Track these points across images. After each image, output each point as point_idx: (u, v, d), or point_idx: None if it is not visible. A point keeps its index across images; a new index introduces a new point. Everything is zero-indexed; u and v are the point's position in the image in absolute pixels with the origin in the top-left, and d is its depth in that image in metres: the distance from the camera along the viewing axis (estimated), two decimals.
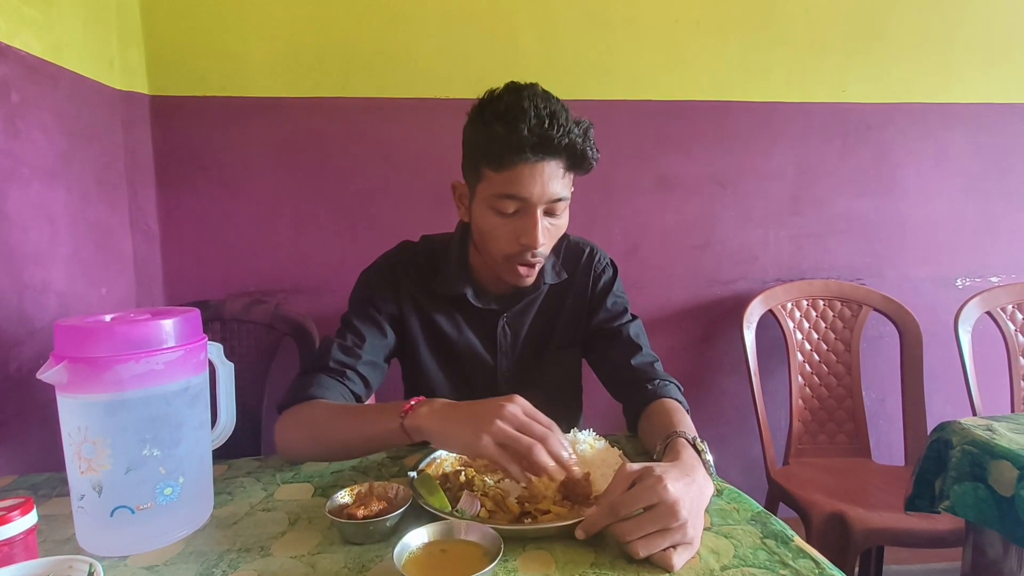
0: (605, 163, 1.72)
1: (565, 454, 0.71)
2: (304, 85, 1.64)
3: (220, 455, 0.89)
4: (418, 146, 1.69)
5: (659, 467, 0.65)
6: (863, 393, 1.82)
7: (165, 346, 0.65)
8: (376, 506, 0.69)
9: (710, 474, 0.73)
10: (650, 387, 0.99)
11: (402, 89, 1.67)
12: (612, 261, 1.17)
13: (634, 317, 1.13)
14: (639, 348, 1.07)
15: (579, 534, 0.64)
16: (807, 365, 1.83)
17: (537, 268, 0.99)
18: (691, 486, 0.64)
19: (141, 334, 0.63)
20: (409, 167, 1.69)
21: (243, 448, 1.50)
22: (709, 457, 0.75)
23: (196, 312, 0.71)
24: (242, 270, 1.67)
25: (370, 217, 1.70)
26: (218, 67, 1.61)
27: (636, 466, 0.66)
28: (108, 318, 0.67)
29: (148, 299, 1.63)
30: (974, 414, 1.71)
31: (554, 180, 0.91)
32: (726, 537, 0.67)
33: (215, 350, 0.77)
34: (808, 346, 1.83)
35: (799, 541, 0.65)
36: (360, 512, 0.67)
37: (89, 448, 0.62)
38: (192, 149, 1.63)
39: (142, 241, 1.61)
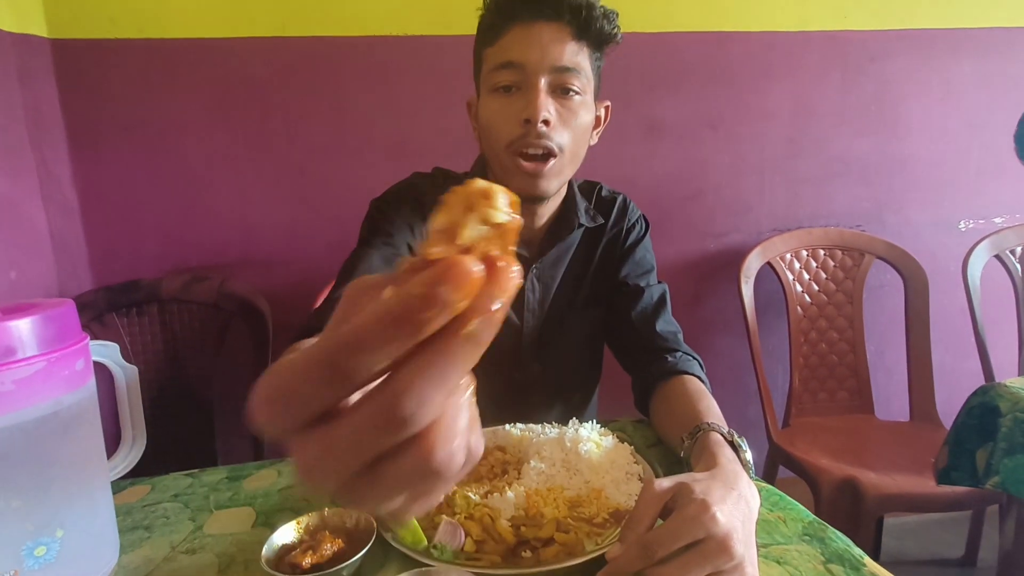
0: None
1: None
2: (236, 24, 1.42)
3: (156, 462, 0.72)
4: (373, 92, 1.48)
5: (698, 484, 0.50)
6: (865, 347, 1.72)
7: (15, 358, 0.47)
8: (328, 547, 0.53)
9: (750, 477, 0.58)
10: (670, 359, 0.85)
11: (352, 27, 1.46)
12: (645, 217, 1.04)
13: (661, 281, 1.00)
14: (662, 312, 0.94)
15: None
16: (807, 319, 1.71)
17: (553, 169, 0.81)
18: (739, 504, 0.50)
19: None
20: (364, 117, 1.49)
21: (189, 451, 1.33)
22: (749, 456, 0.60)
23: (68, 304, 0.53)
24: (179, 243, 1.48)
25: (322, 176, 1.50)
26: (131, 4, 1.37)
27: (666, 483, 0.50)
28: None
29: (73, 281, 1.42)
30: (983, 365, 1.62)
31: (557, 44, 0.77)
32: (779, 563, 0.53)
33: (107, 351, 0.59)
34: (808, 299, 1.71)
35: (872, 565, 0.51)
36: (307, 559, 0.51)
37: None
38: (109, 104, 1.41)
39: (58, 215, 1.39)
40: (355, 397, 0.21)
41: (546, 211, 0.91)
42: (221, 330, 1.40)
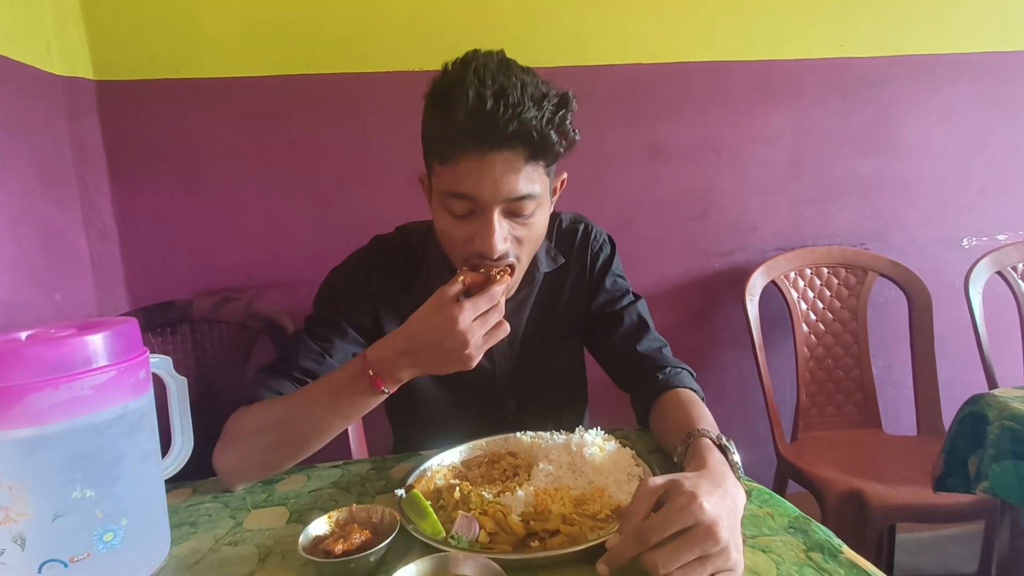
0: (593, 134, 1.64)
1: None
2: (265, 63, 1.51)
3: (189, 475, 0.80)
4: (392, 124, 1.56)
5: (687, 480, 0.55)
6: (871, 361, 1.75)
7: (92, 367, 0.54)
8: (357, 537, 0.59)
9: (738, 477, 0.64)
10: (660, 376, 0.89)
11: (372, 63, 1.54)
12: (610, 237, 1.06)
13: (637, 297, 1.03)
14: (644, 333, 0.98)
15: (602, 570, 0.54)
16: (812, 336, 1.75)
17: (514, 274, 0.83)
18: (725, 499, 0.55)
19: (60, 354, 0.53)
20: (383, 147, 1.57)
21: None
22: (737, 458, 0.66)
23: (132, 323, 0.60)
24: (209, 266, 1.55)
25: (344, 203, 1.58)
26: (169, 46, 1.47)
27: (659, 480, 0.56)
28: (23, 336, 0.56)
29: (110, 303, 1.51)
30: (987, 378, 1.64)
31: (511, 175, 0.74)
32: (764, 552, 0.58)
33: (163, 363, 0.66)
34: (813, 316, 1.76)
35: (849, 553, 0.56)
36: (338, 547, 0.57)
37: (5, 495, 0.51)
38: (146, 138, 1.50)
39: (98, 241, 1.48)
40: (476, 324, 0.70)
41: None
42: (248, 348, 1.47)
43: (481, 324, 0.70)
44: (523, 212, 0.79)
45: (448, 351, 0.70)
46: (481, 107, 0.70)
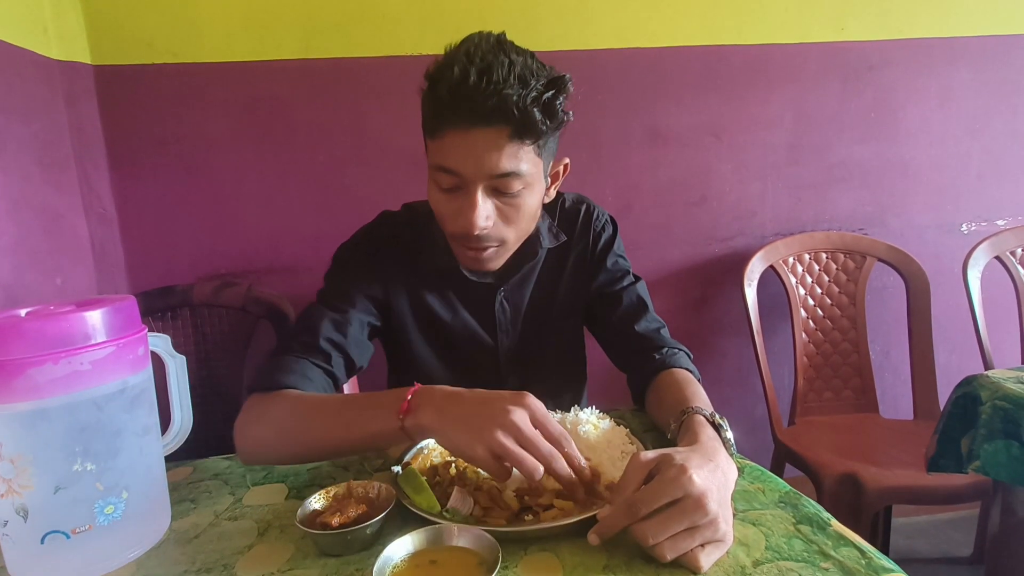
0: (592, 118, 1.64)
1: (573, 470, 0.61)
2: (263, 47, 1.51)
3: (190, 453, 0.81)
4: (390, 109, 1.56)
5: (678, 453, 0.56)
6: (868, 347, 1.76)
7: (91, 343, 0.55)
8: (354, 511, 0.60)
9: (731, 454, 0.65)
10: (657, 356, 0.90)
11: (370, 47, 1.54)
12: (611, 218, 1.06)
13: (637, 278, 1.03)
14: (643, 313, 0.98)
15: (593, 539, 0.55)
16: (811, 321, 1.76)
17: (497, 254, 0.85)
18: (715, 472, 0.56)
19: (59, 330, 0.53)
20: (382, 132, 1.57)
21: (222, 441, 1.41)
22: (729, 435, 0.66)
23: (131, 300, 0.61)
24: (210, 251, 1.56)
25: (343, 187, 1.58)
26: (166, 31, 1.47)
27: (651, 454, 0.57)
28: (23, 312, 0.57)
29: (110, 287, 1.52)
30: (984, 363, 1.65)
31: (494, 152, 0.74)
32: (754, 524, 0.59)
33: (161, 342, 0.67)
34: (811, 301, 1.76)
35: (837, 525, 0.57)
36: (335, 520, 0.58)
37: (7, 467, 0.52)
38: (145, 123, 1.50)
39: (98, 225, 1.49)
40: None
41: None
42: (248, 332, 1.48)
43: (511, 449, 0.59)
44: (508, 190, 0.79)
45: (475, 426, 0.61)
46: (464, 82, 0.71)
